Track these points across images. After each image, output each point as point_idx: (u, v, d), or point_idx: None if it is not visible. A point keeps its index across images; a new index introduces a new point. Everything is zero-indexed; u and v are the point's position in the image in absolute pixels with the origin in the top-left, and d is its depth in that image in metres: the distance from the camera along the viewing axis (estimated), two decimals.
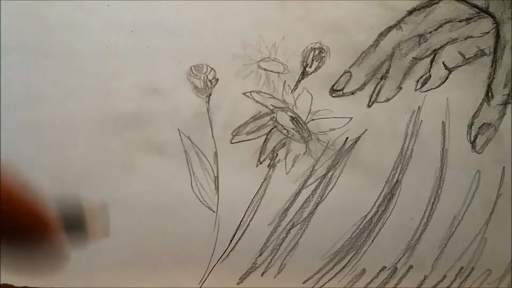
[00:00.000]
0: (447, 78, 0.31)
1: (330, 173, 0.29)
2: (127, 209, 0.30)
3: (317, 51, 0.31)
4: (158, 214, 0.29)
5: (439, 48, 0.30)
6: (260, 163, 0.30)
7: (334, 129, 0.30)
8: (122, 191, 0.30)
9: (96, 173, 0.27)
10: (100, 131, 0.30)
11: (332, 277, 0.29)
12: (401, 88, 0.30)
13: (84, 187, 0.28)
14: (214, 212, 0.29)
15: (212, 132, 0.30)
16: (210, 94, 0.31)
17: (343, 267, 0.29)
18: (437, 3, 0.30)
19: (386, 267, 0.29)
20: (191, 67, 0.31)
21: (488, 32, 0.31)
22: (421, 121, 0.30)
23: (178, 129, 0.30)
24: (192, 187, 0.30)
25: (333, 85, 0.30)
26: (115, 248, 0.29)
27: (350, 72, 0.30)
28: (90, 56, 0.31)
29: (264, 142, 0.30)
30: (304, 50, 0.31)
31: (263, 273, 0.29)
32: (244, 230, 0.29)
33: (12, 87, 0.31)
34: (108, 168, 0.30)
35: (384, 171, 0.29)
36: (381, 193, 0.29)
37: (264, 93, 0.30)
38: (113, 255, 0.29)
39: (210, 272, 0.29)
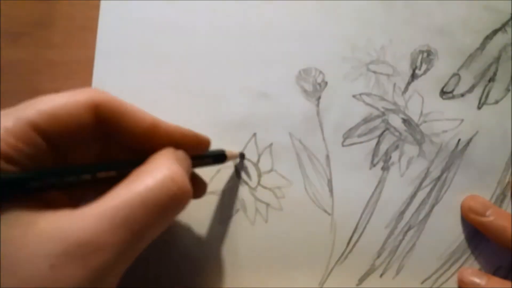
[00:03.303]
0: None
1: (444, 175, 0.30)
2: None
3: (425, 54, 0.31)
4: (274, 217, 0.30)
5: None
6: (374, 165, 0.30)
7: (446, 131, 0.30)
8: None
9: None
10: (212, 135, 0.30)
11: (450, 277, 0.29)
12: (509, 90, 0.31)
13: None
14: (329, 214, 0.30)
15: (323, 135, 0.30)
16: (319, 97, 0.31)
17: (460, 267, 0.29)
18: None
19: (502, 267, 0.29)
20: (299, 71, 0.31)
21: None
22: None
23: (289, 132, 0.30)
24: (306, 189, 0.30)
25: (443, 88, 0.31)
26: (234, 251, 0.29)
27: (458, 74, 0.31)
28: (199, 60, 0.31)
29: (376, 144, 0.30)
30: (412, 53, 0.31)
31: (381, 275, 0.29)
32: (361, 233, 0.29)
33: (122, 93, 0.31)
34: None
35: (495, 172, 0.30)
36: (493, 194, 0.30)
37: (375, 95, 0.31)
38: (233, 257, 0.29)
39: (329, 273, 0.29)
